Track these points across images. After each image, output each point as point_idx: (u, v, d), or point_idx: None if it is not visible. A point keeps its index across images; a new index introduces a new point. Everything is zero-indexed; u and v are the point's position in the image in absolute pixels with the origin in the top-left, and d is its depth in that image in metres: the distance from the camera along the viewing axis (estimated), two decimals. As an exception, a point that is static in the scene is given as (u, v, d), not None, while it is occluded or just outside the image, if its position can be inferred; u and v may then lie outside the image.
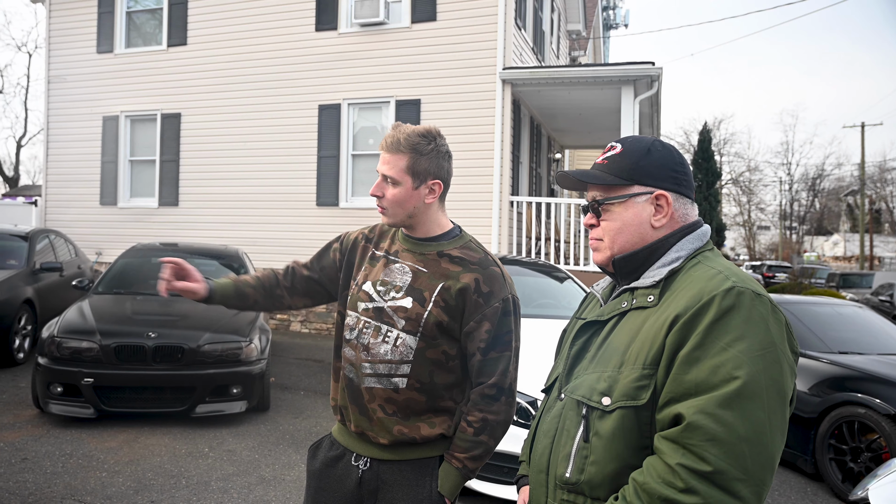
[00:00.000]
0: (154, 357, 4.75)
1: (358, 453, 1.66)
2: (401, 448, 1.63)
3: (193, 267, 1.75)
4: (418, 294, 1.62)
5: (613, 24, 20.54)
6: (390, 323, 1.62)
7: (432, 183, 1.64)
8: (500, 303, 1.61)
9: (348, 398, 1.67)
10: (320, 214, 9.56)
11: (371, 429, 1.63)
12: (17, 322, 6.47)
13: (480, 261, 1.65)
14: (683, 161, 1.27)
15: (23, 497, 3.52)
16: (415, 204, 1.64)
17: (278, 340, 8.62)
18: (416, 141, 1.61)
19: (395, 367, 1.61)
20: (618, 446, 1.11)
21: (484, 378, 1.60)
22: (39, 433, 4.54)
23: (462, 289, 1.60)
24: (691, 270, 1.17)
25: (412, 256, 1.67)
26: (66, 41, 11.09)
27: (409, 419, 1.62)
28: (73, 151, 10.97)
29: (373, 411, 1.63)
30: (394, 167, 1.61)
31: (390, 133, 1.64)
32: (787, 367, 1.06)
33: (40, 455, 4.13)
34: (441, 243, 1.68)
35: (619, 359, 1.15)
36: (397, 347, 1.61)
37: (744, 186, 44.02)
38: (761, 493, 1.01)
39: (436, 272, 1.64)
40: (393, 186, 1.63)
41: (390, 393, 1.61)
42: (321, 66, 9.57)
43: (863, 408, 4.16)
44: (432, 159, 1.63)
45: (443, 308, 1.60)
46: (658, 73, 8.36)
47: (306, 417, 5.27)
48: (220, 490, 3.75)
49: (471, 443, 1.59)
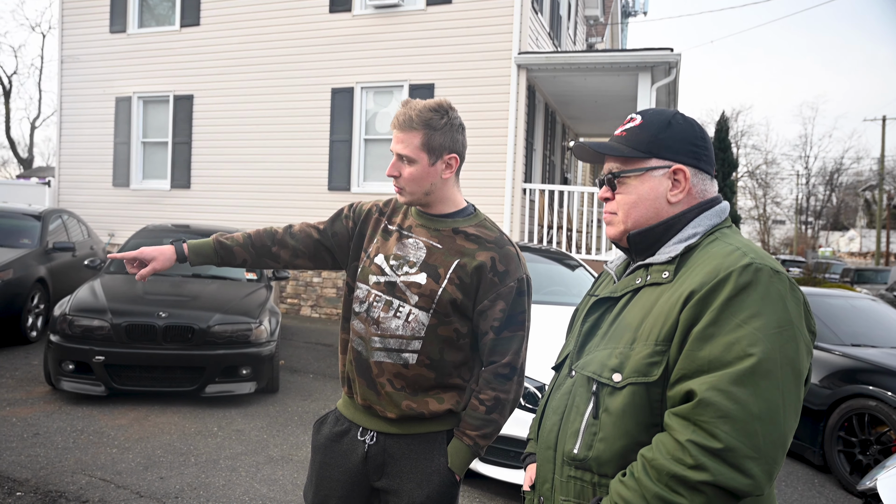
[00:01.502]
0: (164, 336, 4.77)
1: (364, 427, 1.66)
2: (408, 422, 1.62)
3: (141, 249, 1.73)
4: (433, 270, 1.60)
5: (632, 11, 20.22)
6: (403, 298, 1.61)
7: (448, 157, 1.62)
8: (516, 282, 1.60)
9: (356, 371, 1.66)
10: (332, 199, 9.54)
11: (378, 402, 1.62)
12: (30, 300, 6.52)
13: (496, 240, 1.64)
14: (705, 135, 1.24)
15: (34, 471, 3.56)
16: (432, 181, 1.61)
17: (288, 324, 8.64)
18: (428, 116, 1.59)
19: (405, 342, 1.60)
20: (627, 423, 1.10)
21: (497, 357, 1.60)
22: (51, 409, 4.58)
23: (478, 267, 1.59)
24: (708, 247, 1.14)
25: (426, 232, 1.65)
26: (79, 21, 11.09)
27: (416, 394, 1.61)
28: (86, 132, 11.01)
29: (381, 385, 1.61)
30: (408, 145, 1.59)
31: (401, 110, 1.61)
32: (803, 346, 1.04)
33: (52, 430, 4.17)
34: (456, 220, 1.66)
35: (632, 335, 1.13)
36: (409, 323, 1.60)
37: (760, 180, 43.87)
38: (772, 471, 1.00)
39: (451, 249, 1.62)
40: (409, 165, 1.60)
41: (399, 368, 1.60)
42: (335, 48, 9.51)
43: (874, 400, 4.15)
44: (446, 133, 1.60)
45: (457, 285, 1.59)
46: (676, 59, 8.22)
47: (315, 400, 5.30)
48: (229, 468, 3.78)
49: (482, 421, 1.59)
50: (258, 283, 6.02)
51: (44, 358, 4.91)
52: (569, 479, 1.18)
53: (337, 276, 9.58)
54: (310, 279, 9.74)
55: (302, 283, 9.77)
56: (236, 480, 3.61)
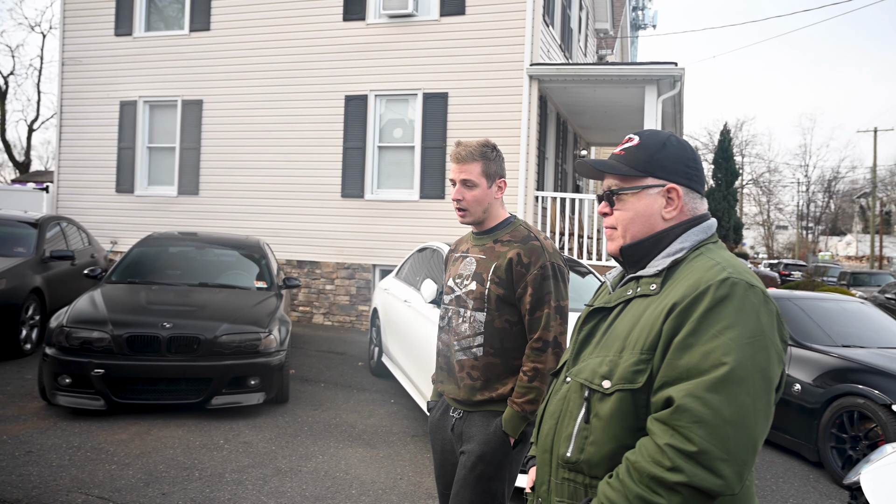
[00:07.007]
0: (169, 348, 4.57)
1: (454, 408, 2.09)
2: (482, 404, 2.02)
3: None
4: (479, 277, 2.02)
5: (642, 25, 20.27)
6: (465, 305, 2.03)
7: (500, 181, 2.09)
8: (539, 269, 1.95)
9: (445, 372, 2.11)
10: (345, 206, 9.39)
11: (458, 394, 2.05)
12: (25, 312, 6.22)
13: (523, 238, 2.02)
14: (696, 157, 1.33)
15: (26, 490, 3.31)
16: (489, 201, 2.06)
17: (300, 332, 8.46)
18: (482, 150, 2.05)
19: (472, 339, 2.01)
20: (615, 427, 1.17)
21: (532, 334, 1.96)
22: (45, 425, 4.32)
23: (508, 263, 1.98)
24: (693, 261, 1.21)
25: (477, 249, 2.08)
26: (82, 23, 10.89)
27: (488, 384, 1.99)
28: (89, 137, 10.78)
29: (461, 379, 2.03)
30: (471, 173, 2.03)
31: (458, 149, 2.05)
32: (774, 355, 1.11)
33: (46, 448, 3.93)
34: (496, 233, 2.08)
35: (621, 344, 1.20)
36: (472, 324, 2.01)
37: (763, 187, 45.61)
38: (742, 472, 1.06)
39: (491, 256, 2.03)
40: (471, 189, 2.03)
41: (472, 361, 2.01)
42: (348, 56, 9.41)
43: (862, 398, 4.36)
44: (498, 163, 2.09)
45: (497, 283, 1.98)
46: (680, 73, 8.39)
47: (326, 409, 5.13)
48: (235, 482, 3.63)
49: (526, 388, 1.93)
50: (268, 292, 5.79)
51: (38, 372, 4.64)
52: (563, 480, 1.25)
53: (350, 284, 9.38)
54: (322, 287, 9.53)
55: (314, 290, 9.55)
56: (242, 494, 3.48)
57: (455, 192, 2.03)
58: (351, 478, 3.80)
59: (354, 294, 9.35)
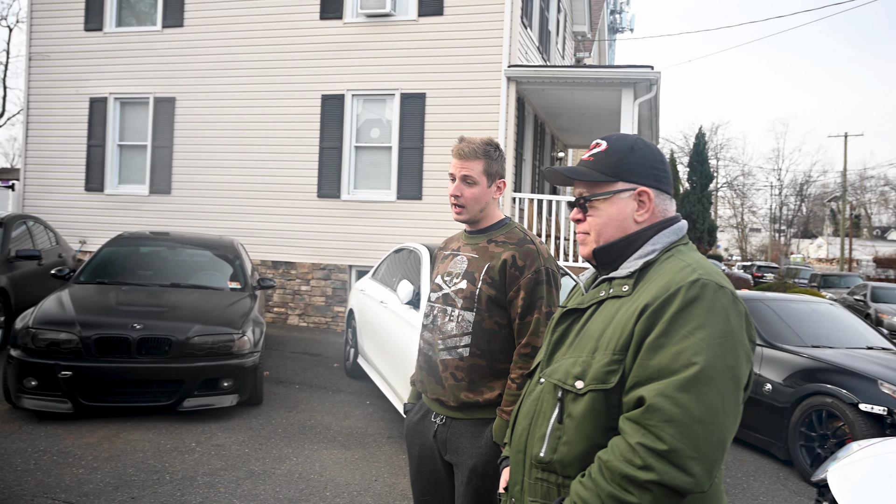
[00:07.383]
0: (139, 349, 4.47)
1: (436, 412, 2.01)
2: (467, 409, 1.95)
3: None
4: (470, 276, 1.96)
5: (619, 28, 20.49)
6: (453, 304, 1.97)
7: (500, 182, 2.04)
8: (533, 273, 1.91)
9: (426, 371, 2.04)
10: (321, 206, 9.30)
11: (443, 394, 1.97)
12: (-10, 312, 6.08)
13: (518, 240, 1.97)
14: (664, 159, 1.35)
15: (-12, 497, 3.20)
16: (487, 200, 2.01)
17: (275, 334, 8.35)
18: (486, 149, 2.00)
19: (458, 339, 1.94)
20: (588, 427, 1.19)
21: (521, 339, 1.90)
22: (10, 429, 4.19)
23: (502, 265, 1.93)
24: (664, 263, 1.23)
25: (469, 248, 2.03)
26: (50, 17, 10.61)
27: (473, 385, 1.93)
28: (57, 134, 10.51)
29: (444, 379, 1.96)
30: (472, 170, 1.98)
31: (462, 145, 2.01)
32: (742, 355, 1.13)
33: (10, 452, 3.82)
34: (490, 233, 2.03)
35: (594, 344, 1.22)
36: (459, 323, 1.95)
37: (738, 190, 46.43)
38: (712, 470, 1.08)
39: (484, 256, 1.98)
40: (471, 186, 1.99)
41: (457, 361, 1.94)
42: (325, 55, 9.32)
43: (830, 397, 4.45)
44: (500, 163, 2.03)
45: (489, 284, 1.93)
46: (656, 77, 8.47)
47: (300, 411, 5.07)
48: (207, 485, 3.57)
49: (514, 396, 1.85)
50: (242, 293, 5.70)
51: (3, 374, 4.51)
52: (536, 480, 1.26)
53: (326, 285, 9.30)
54: (298, 287, 9.43)
55: (290, 291, 9.45)
56: (214, 497, 3.42)
57: (454, 188, 1.99)
58: (325, 480, 3.77)
59: (330, 295, 9.27)
